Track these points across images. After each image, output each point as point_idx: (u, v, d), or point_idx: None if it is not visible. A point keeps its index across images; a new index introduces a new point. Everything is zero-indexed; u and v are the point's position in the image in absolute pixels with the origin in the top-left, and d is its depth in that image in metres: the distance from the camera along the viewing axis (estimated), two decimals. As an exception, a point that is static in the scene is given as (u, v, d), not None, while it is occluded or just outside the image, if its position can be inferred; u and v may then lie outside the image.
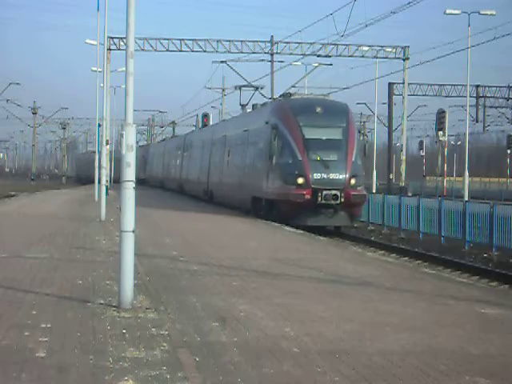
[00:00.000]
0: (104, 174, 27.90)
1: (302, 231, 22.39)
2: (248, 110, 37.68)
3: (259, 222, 25.97)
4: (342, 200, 25.07)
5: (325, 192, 24.96)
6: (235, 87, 43.48)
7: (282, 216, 25.62)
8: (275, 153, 26.67)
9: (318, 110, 26.78)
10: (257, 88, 41.82)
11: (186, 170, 49.08)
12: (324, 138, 26.15)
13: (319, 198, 24.95)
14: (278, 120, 27.18)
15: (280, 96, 31.73)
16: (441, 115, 51.29)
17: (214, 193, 38.58)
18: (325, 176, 25.28)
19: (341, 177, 25.39)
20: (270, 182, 26.85)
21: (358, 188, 25.78)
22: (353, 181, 25.48)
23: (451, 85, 62.94)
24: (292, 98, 29.04)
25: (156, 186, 65.94)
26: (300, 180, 25.22)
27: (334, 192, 24.98)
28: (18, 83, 79.47)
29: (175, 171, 54.55)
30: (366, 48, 47.88)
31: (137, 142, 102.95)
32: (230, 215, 28.94)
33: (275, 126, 26.98)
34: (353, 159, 25.85)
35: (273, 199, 26.49)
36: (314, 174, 25.22)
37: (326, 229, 26.68)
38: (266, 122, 28.12)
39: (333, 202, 25.00)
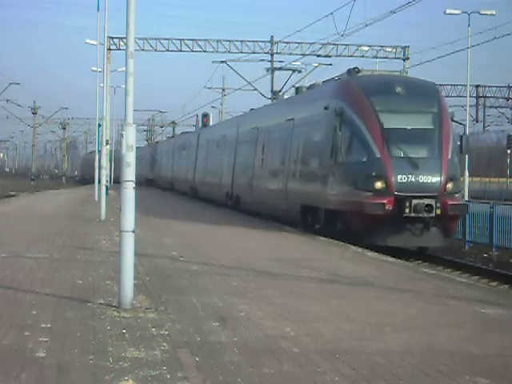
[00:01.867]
0: (104, 174, 27.93)
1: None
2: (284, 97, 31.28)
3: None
4: (438, 212, 18.79)
5: (414, 201, 18.65)
6: (267, 70, 37.73)
7: (350, 232, 19.58)
8: (341, 147, 20.10)
9: (399, 89, 20.37)
10: (294, 70, 35.49)
11: (202, 170, 42.23)
12: (409, 127, 19.79)
13: (406, 210, 18.66)
14: (344, 103, 20.42)
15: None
16: (441, 115, 51.18)
17: (241, 198, 31.79)
18: (413, 179, 18.98)
19: (434, 180, 19.07)
20: (333, 186, 20.40)
21: (456, 195, 19.70)
22: (450, 185, 19.21)
23: (451, 85, 62.99)
24: (360, 74, 21.84)
25: (166, 187, 59.68)
26: (378, 184, 18.90)
27: (426, 201, 18.71)
28: (17, 83, 79.68)
29: (188, 172, 47.79)
30: (365, 48, 47.84)
31: (148, 140, 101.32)
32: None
33: (340, 111, 20.20)
34: (449, 156, 19.55)
35: (336, 210, 20.14)
36: (399, 177, 18.92)
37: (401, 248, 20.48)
38: (325, 108, 21.29)
39: (425, 214, 18.69)
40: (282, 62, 48.97)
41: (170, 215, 28.25)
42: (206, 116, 58.18)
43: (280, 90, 32.51)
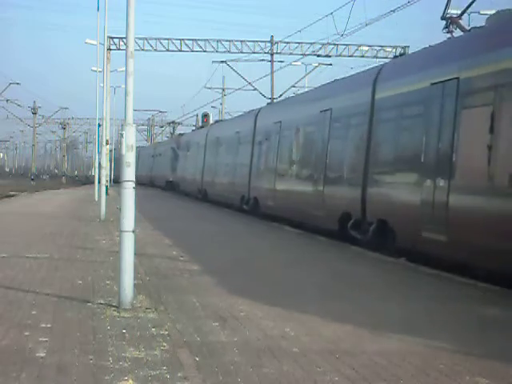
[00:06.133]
0: (104, 174, 27.96)
1: (301, 231, 22.29)
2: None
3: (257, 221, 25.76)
4: None
5: None
6: None
7: None
8: None
9: None
10: None
11: (270, 174, 26.24)
12: None
13: None
14: None
15: None
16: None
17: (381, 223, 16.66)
18: None
19: None
20: None
21: None
22: None
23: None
24: None
25: (194, 194, 44.35)
26: None
27: None
28: (18, 83, 79.78)
29: (236, 173, 32.57)
30: (365, 48, 47.79)
31: (170, 134, 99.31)
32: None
33: None
34: None
35: None
36: None
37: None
38: None
39: None
40: (282, 61, 49.05)
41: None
42: (206, 116, 58.12)
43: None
